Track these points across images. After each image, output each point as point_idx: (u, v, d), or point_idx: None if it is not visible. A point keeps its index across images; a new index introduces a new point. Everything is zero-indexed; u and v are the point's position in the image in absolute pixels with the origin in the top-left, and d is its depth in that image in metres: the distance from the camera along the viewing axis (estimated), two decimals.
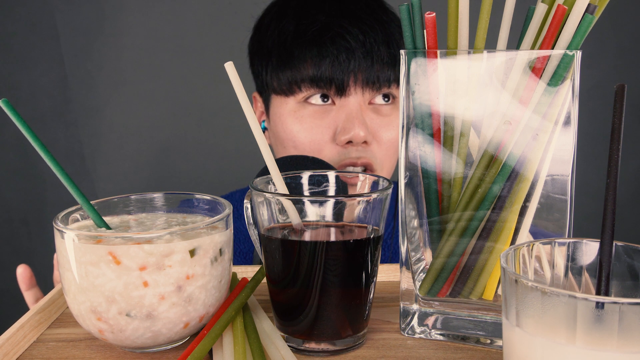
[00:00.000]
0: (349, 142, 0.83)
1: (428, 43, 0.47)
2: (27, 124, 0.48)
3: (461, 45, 0.47)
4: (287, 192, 0.52)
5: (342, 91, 0.83)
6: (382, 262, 0.90)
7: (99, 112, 1.60)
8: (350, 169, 0.85)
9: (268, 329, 0.51)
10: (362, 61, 0.82)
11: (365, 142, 0.83)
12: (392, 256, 0.91)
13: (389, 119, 0.86)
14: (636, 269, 0.40)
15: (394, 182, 0.53)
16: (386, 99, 0.86)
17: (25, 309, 0.63)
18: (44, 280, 0.77)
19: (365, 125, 0.82)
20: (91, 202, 0.52)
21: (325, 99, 0.84)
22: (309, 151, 0.85)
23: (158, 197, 0.57)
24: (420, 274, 0.51)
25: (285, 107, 0.86)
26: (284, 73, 0.85)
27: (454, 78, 0.47)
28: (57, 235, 0.48)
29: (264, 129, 0.95)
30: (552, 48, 0.45)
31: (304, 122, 0.85)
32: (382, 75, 0.83)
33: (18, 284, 0.72)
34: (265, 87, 0.90)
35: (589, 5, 0.43)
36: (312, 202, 0.49)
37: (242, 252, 0.91)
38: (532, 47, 0.47)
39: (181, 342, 0.51)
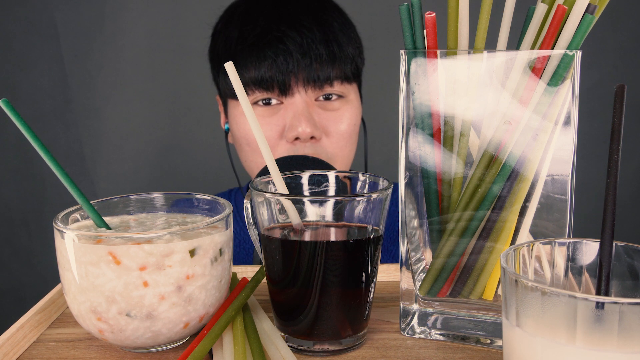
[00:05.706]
0: (297, 138, 0.86)
1: (428, 43, 0.47)
2: (27, 124, 0.48)
3: (461, 45, 0.47)
4: (287, 192, 0.52)
5: (285, 91, 0.86)
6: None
7: (99, 112, 1.60)
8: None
9: (268, 329, 0.51)
10: (301, 61, 0.85)
11: (313, 137, 0.86)
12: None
13: (338, 113, 0.89)
14: (636, 269, 0.40)
15: (394, 183, 0.53)
16: (331, 97, 0.89)
17: (25, 309, 0.63)
18: (44, 280, 0.77)
19: (312, 122, 0.85)
20: (91, 202, 0.52)
21: (268, 103, 0.88)
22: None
23: (158, 197, 0.57)
24: (420, 274, 0.51)
25: (238, 109, 0.90)
26: None
27: (454, 78, 0.47)
28: (57, 235, 0.48)
29: (227, 130, 0.97)
30: (552, 48, 0.45)
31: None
32: (322, 73, 0.86)
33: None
34: (222, 92, 0.95)
35: (589, 5, 0.43)
36: (312, 202, 0.49)
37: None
38: (532, 47, 0.47)
39: (181, 342, 0.51)
